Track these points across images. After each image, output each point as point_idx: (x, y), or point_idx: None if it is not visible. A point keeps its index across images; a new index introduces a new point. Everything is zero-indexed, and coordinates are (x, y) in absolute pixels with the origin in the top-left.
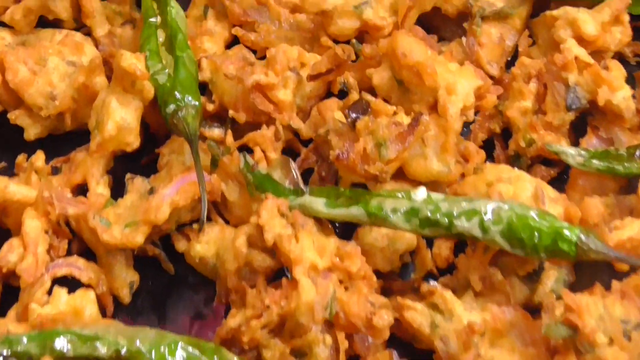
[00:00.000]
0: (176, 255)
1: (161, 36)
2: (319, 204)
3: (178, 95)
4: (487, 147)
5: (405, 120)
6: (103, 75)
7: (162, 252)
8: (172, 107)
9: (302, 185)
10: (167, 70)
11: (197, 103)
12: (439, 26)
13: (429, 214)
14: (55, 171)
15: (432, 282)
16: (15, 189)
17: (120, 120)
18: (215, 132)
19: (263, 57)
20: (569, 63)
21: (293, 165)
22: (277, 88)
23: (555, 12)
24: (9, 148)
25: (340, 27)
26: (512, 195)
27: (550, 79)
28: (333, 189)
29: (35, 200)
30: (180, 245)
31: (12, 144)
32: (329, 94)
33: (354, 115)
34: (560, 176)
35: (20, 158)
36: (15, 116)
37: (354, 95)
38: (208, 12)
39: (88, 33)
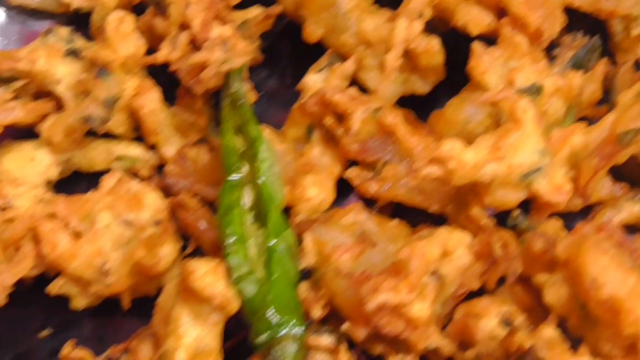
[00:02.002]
0: None
1: (248, 196)
2: None
3: (272, 317)
4: None
5: None
6: (171, 243)
7: None
8: (263, 337)
9: None
10: (256, 275)
11: (301, 330)
12: (632, 173)
13: None
14: None
15: None
16: None
17: (194, 343)
18: (324, 340)
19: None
20: None
21: None
22: (411, 303)
23: None
24: (51, 314)
25: (500, 200)
26: None
27: None
28: None
29: None
30: None
31: (55, 311)
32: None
33: None
34: None
35: (67, 348)
36: (58, 287)
37: (521, 340)
38: (313, 134)
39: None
